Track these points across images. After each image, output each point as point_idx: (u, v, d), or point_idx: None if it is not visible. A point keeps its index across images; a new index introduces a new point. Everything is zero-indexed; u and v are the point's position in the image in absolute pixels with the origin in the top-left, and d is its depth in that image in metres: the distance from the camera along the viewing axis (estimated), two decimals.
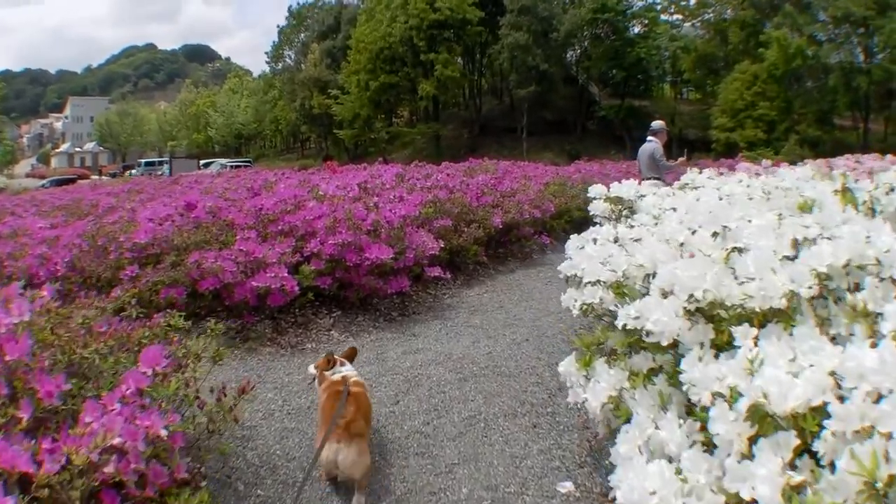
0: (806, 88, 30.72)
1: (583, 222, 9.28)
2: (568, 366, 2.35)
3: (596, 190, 3.57)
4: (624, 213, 3.70)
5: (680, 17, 38.83)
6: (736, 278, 1.72)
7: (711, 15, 36.46)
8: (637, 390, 1.88)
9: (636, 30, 39.55)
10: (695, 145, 34.34)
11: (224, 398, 2.34)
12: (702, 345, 1.68)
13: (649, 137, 7.75)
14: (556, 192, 8.88)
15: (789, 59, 28.90)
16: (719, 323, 1.72)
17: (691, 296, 1.70)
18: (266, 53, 60.31)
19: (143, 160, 49.12)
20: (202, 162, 38.14)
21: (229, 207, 5.34)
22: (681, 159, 8.38)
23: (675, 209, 3.42)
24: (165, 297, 4.48)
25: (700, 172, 7.30)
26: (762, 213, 2.37)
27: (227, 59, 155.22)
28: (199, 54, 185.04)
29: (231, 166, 30.66)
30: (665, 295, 1.83)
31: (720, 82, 36.16)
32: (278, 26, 57.70)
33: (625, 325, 1.82)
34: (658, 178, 7.57)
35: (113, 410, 1.68)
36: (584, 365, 2.29)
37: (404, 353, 4.07)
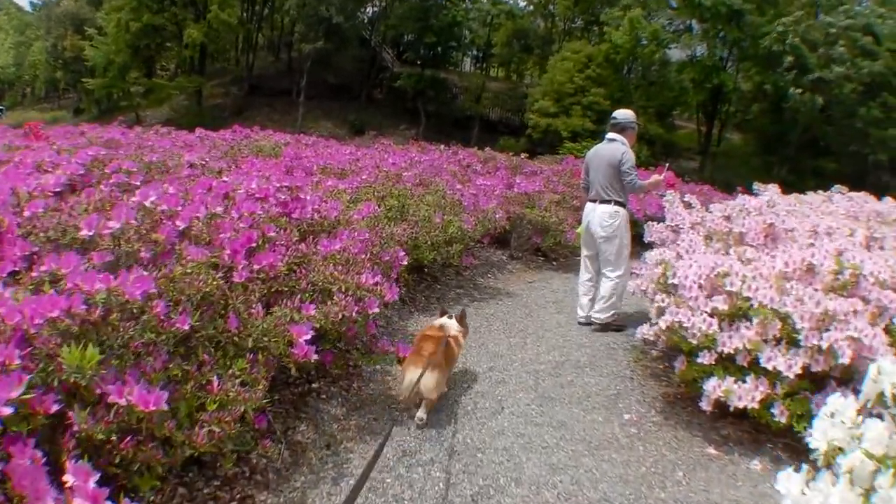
0: (645, 80, 26.95)
1: (437, 271, 5.44)
2: None
3: None
4: None
5: None
6: None
7: None
8: None
9: None
10: (498, 128, 31.40)
11: None
12: None
13: (610, 135, 4.57)
14: (394, 210, 4.76)
15: (642, 47, 25.20)
16: None
17: None
18: None
19: None
20: None
21: None
22: (664, 174, 5.02)
23: None
24: None
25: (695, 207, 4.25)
26: None
27: None
28: None
29: None
30: None
31: (530, 61, 33.07)
32: None
33: None
34: (620, 203, 4.41)
35: None
36: None
37: None
